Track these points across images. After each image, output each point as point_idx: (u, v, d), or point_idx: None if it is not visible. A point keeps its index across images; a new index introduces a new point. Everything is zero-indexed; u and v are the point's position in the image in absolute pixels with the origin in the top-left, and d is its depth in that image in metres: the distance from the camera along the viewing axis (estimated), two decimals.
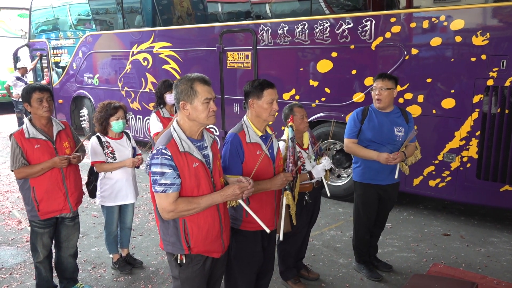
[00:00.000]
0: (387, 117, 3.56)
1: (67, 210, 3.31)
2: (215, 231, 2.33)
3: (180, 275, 2.34)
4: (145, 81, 7.75)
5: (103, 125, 3.68)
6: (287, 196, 2.83)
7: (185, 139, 2.23)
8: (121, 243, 4.03)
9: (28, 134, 3.12)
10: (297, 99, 5.76)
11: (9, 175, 7.12)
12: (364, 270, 3.86)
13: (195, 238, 2.27)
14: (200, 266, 2.33)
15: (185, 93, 2.21)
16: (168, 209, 2.17)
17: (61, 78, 9.75)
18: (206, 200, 2.21)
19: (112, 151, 3.68)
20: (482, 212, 5.29)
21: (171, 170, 2.15)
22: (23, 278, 3.89)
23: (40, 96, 3.12)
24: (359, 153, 3.58)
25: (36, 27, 10.45)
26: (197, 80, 2.22)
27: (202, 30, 6.80)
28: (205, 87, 2.23)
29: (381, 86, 3.49)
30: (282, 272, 3.67)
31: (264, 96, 2.63)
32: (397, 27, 4.80)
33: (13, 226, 5.05)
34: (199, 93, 2.20)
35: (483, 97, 4.40)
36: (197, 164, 2.21)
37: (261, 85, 2.65)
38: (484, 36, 4.29)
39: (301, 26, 5.52)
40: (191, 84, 2.21)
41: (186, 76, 2.26)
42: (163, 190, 2.15)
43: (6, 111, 13.83)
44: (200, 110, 2.21)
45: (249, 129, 2.68)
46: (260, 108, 2.65)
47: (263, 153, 2.61)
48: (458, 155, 4.63)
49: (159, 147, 2.17)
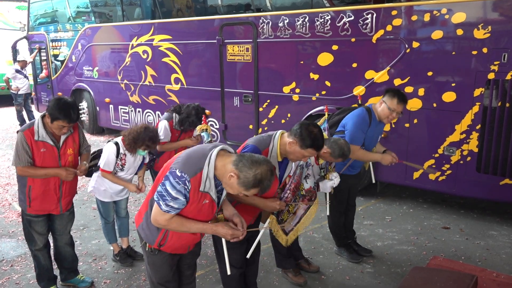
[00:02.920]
0: (379, 127, 3.75)
1: (56, 211, 3.32)
2: (191, 243, 2.48)
3: (148, 260, 2.48)
4: (145, 74, 7.72)
5: (131, 146, 3.51)
6: (272, 220, 3.00)
7: (211, 178, 2.15)
8: (120, 233, 4.03)
9: (38, 136, 3.07)
10: (297, 92, 5.75)
11: (8, 167, 7.11)
12: (344, 253, 4.05)
13: (169, 244, 2.37)
14: (167, 256, 2.43)
15: (243, 180, 2.07)
16: (160, 223, 2.24)
17: (60, 70, 9.71)
18: (197, 228, 2.27)
19: (123, 164, 3.62)
20: (481, 205, 5.30)
21: (184, 199, 2.16)
22: (24, 270, 3.90)
23: (65, 125, 3.03)
24: (365, 158, 3.74)
25: (35, 20, 10.38)
26: (261, 188, 2.12)
27: (202, 22, 6.77)
28: (257, 193, 2.19)
29: (400, 111, 3.56)
30: (279, 262, 3.70)
31: (305, 151, 2.64)
32: (398, 20, 4.78)
33: (13, 219, 5.05)
34: (247, 192, 2.13)
35: (484, 91, 4.39)
36: (207, 202, 2.22)
37: (312, 142, 2.60)
38: (485, 29, 4.27)
39: (301, 19, 5.49)
40: (254, 186, 2.09)
41: (263, 174, 2.08)
42: (167, 211, 2.17)
43: (5, 104, 13.79)
44: (234, 190, 2.14)
45: (273, 151, 2.70)
46: (294, 152, 2.67)
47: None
48: (458, 149, 4.63)
49: (185, 176, 2.10)
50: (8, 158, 7.62)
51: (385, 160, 3.66)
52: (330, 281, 3.68)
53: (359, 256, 4.02)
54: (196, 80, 6.93)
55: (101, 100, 8.84)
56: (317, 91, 5.59)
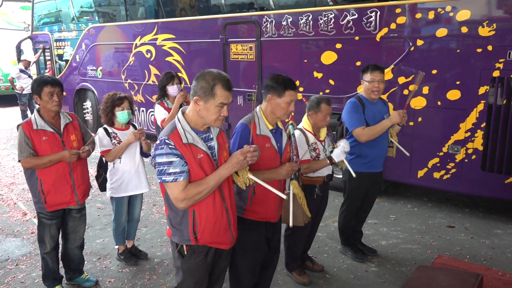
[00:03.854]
0: (376, 107, 3.70)
1: (74, 202, 3.32)
2: (223, 223, 2.33)
3: (182, 266, 2.36)
4: (149, 73, 7.74)
5: (108, 116, 3.69)
6: (294, 185, 2.81)
7: (189, 130, 2.20)
8: (128, 235, 4.05)
9: (36, 125, 3.13)
10: (301, 91, 5.74)
11: (13, 167, 7.15)
12: (349, 252, 4.04)
13: (202, 228, 2.27)
14: (202, 257, 2.34)
15: (203, 90, 2.15)
16: (180, 198, 2.16)
17: (64, 70, 9.73)
18: (213, 178, 2.20)
19: (119, 141, 3.69)
20: (486, 204, 5.27)
21: (178, 158, 2.13)
22: (29, 269, 3.91)
23: (51, 90, 3.11)
24: (374, 131, 3.58)
25: (39, 20, 10.42)
26: (221, 82, 2.16)
27: (205, 22, 6.77)
28: (225, 92, 2.17)
29: (379, 79, 3.57)
30: (288, 263, 3.68)
31: (284, 96, 2.63)
32: (402, 18, 4.76)
33: (18, 218, 5.08)
34: (217, 97, 2.15)
35: (489, 89, 4.36)
36: (201, 156, 2.20)
37: (285, 84, 2.63)
38: (490, 26, 4.25)
39: (305, 17, 5.48)
40: (213, 85, 2.15)
41: (211, 73, 2.18)
42: (173, 179, 2.13)
43: (10, 104, 13.87)
44: (211, 112, 2.17)
45: (260, 121, 2.68)
46: (277, 106, 2.65)
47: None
48: (463, 147, 4.61)
49: (162, 137, 2.16)
50: (13, 158, 7.65)
51: (395, 118, 3.52)
52: (334, 280, 3.67)
53: (363, 255, 4.01)
54: None
55: None
56: (321, 90, 5.57)
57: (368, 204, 4.03)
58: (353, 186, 3.84)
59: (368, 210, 4.10)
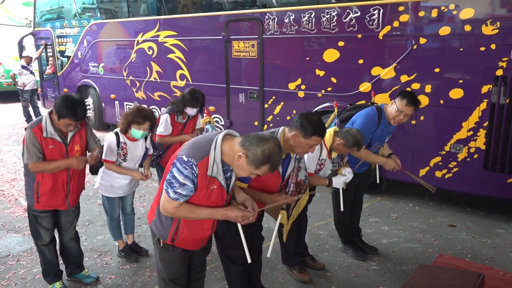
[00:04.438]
0: (387, 128, 3.68)
1: (64, 207, 3.33)
2: (202, 237, 2.45)
3: (160, 256, 2.46)
4: (150, 70, 7.72)
5: (124, 127, 3.59)
6: (283, 216, 2.94)
7: (218, 162, 2.15)
8: (125, 229, 4.04)
9: (46, 133, 3.07)
10: (303, 88, 5.72)
11: (15, 163, 7.15)
12: (350, 251, 4.04)
13: (181, 238, 2.36)
14: (179, 252, 2.42)
15: (253, 158, 2.07)
16: (169, 211, 2.22)
17: (66, 67, 9.73)
18: (206, 214, 2.25)
19: (125, 153, 3.63)
20: (488, 203, 5.26)
21: (192, 185, 2.14)
22: (30, 265, 3.92)
23: (72, 123, 3.04)
24: (368, 159, 3.67)
25: (41, 16, 10.42)
26: (271, 165, 2.11)
27: (207, 18, 6.75)
28: (268, 171, 2.14)
29: (409, 114, 3.50)
30: (285, 259, 3.69)
31: (310, 140, 2.62)
32: (405, 16, 4.74)
33: (19, 214, 5.08)
34: (258, 170, 2.12)
35: (491, 87, 4.34)
36: (215, 187, 2.21)
37: (315, 129, 2.59)
38: (494, 25, 4.22)
39: (307, 15, 5.46)
40: (264, 163, 2.08)
41: (271, 150, 2.08)
42: (175, 198, 2.16)
43: (12, 100, 13.88)
44: (244, 171, 2.14)
45: None
46: (300, 145, 2.64)
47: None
48: (465, 146, 4.59)
49: (191, 160, 2.10)
50: (15, 154, 7.66)
51: (388, 165, 3.66)
52: (335, 278, 3.67)
53: (364, 254, 4.00)
54: (201, 77, 6.92)
55: (107, 96, 8.86)
56: (323, 88, 5.56)
57: (359, 199, 4.06)
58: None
59: (360, 205, 4.12)
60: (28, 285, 3.61)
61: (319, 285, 3.57)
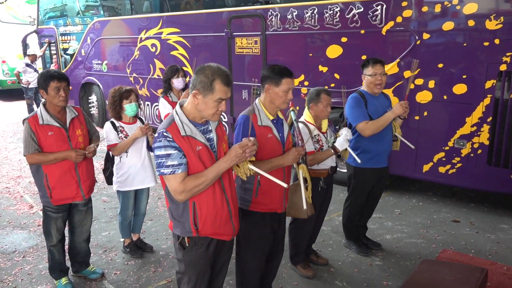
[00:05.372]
0: (378, 101, 3.68)
1: (79, 197, 3.34)
2: (224, 214, 2.34)
3: (184, 258, 2.37)
4: (154, 67, 7.74)
5: (116, 110, 3.69)
6: (303, 169, 2.83)
7: (187, 122, 2.20)
8: (133, 228, 4.08)
9: (42, 120, 3.11)
10: (306, 85, 5.72)
11: (20, 160, 7.20)
12: (353, 246, 4.05)
13: (203, 220, 2.28)
14: (203, 249, 2.35)
15: (202, 85, 2.15)
16: (179, 190, 2.17)
17: (70, 64, 9.76)
18: (212, 170, 2.20)
19: (126, 135, 3.70)
20: (492, 199, 5.25)
21: (176, 151, 2.14)
22: (35, 261, 3.96)
23: (58, 85, 3.09)
24: (378, 125, 3.57)
25: (44, 14, 10.44)
26: (220, 78, 2.16)
27: (210, 15, 6.75)
28: (224, 87, 2.17)
29: (381, 72, 3.57)
30: (292, 256, 3.70)
31: (281, 84, 2.63)
32: (409, 11, 4.72)
33: (25, 211, 5.12)
34: (216, 92, 2.15)
35: (495, 83, 4.33)
36: (200, 148, 2.20)
37: (281, 72, 2.64)
38: (497, 20, 4.20)
39: (310, 11, 5.45)
40: (213, 80, 2.15)
41: (211, 68, 2.18)
42: (171, 171, 2.14)
43: (16, 98, 13.95)
44: (209, 106, 2.18)
45: (260, 113, 2.70)
46: (275, 95, 2.66)
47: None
48: (469, 141, 4.58)
49: (160, 130, 2.17)
50: (19, 151, 7.71)
51: (397, 110, 3.53)
52: (339, 274, 3.68)
53: (368, 249, 4.01)
54: None
55: None
56: (326, 84, 5.55)
57: (374, 199, 4.02)
58: (357, 181, 3.84)
59: (374, 206, 4.08)
60: (35, 280, 3.65)
61: (323, 281, 3.59)
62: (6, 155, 7.69)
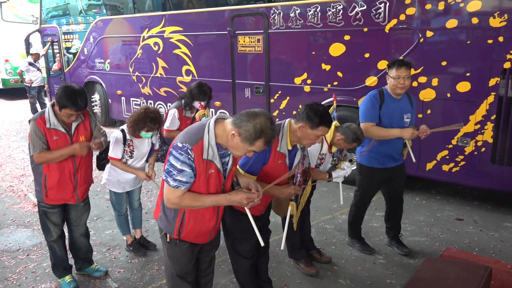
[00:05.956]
0: (398, 104, 3.58)
1: (73, 200, 3.35)
2: (208, 228, 2.41)
3: (167, 251, 2.45)
4: (156, 66, 7.75)
5: (133, 130, 3.55)
6: (292, 207, 2.95)
7: (213, 145, 2.16)
8: (133, 224, 4.08)
9: (49, 124, 3.10)
10: (309, 83, 5.72)
11: (23, 159, 7.22)
12: (357, 244, 4.04)
13: (187, 231, 2.35)
14: (187, 247, 2.41)
15: (247, 134, 2.07)
16: (173, 202, 2.21)
17: (72, 63, 9.78)
18: (211, 201, 2.24)
19: (131, 150, 3.65)
20: (496, 197, 5.24)
21: (190, 170, 2.15)
22: (39, 259, 3.97)
23: (73, 113, 3.04)
24: (382, 134, 3.53)
25: (47, 13, 10.46)
26: (265, 138, 2.10)
27: (212, 14, 6.75)
28: (263, 146, 2.14)
29: (405, 75, 3.44)
30: (291, 252, 3.70)
31: (317, 130, 2.60)
32: (412, 9, 4.71)
33: (28, 209, 5.14)
34: (254, 147, 2.12)
35: (499, 80, 4.31)
36: (212, 171, 2.21)
37: (322, 119, 2.58)
38: (501, 17, 4.19)
39: (313, 9, 5.44)
40: (258, 137, 2.08)
41: (263, 124, 2.07)
42: (176, 186, 2.16)
43: (19, 97, 13.99)
44: (240, 150, 2.16)
45: (283, 139, 2.66)
46: (307, 135, 2.63)
47: (289, 172, 2.68)
48: (472, 139, 4.57)
49: (186, 145, 2.12)
50: (23, 150, 7.72)
51: (406, 134, 3.46)
52: (342, 272, 3.68)
53: (371, 248, 4.00)
54: (207, 72, 6.93)
55: (113, 93, 8.90)
56: (328, 82, 5.55)
57: (396, 196, 3.90)
58: (362, 179, 3.83)
59: (396, 207, 3.95)
60: (39, 279, 3.66)
61: (326, 279, 3.59)
62: (10, 153, 7.71)
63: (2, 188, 5.90)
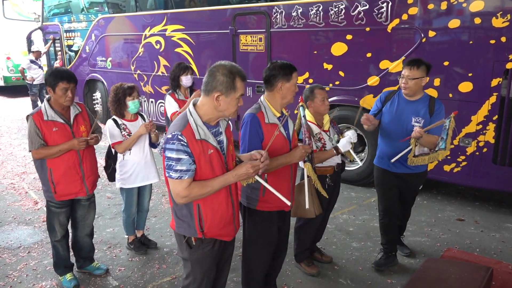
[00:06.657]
0: (409, 106, 3.41)
1: (83, 193, 3.36)
2: (228, 215, 2.34)
3: (190, 257, 2.35)
4: (158, 65, 7.75)
5: (120, 107, 3.68)
6: (308, 167, 2.84)
7: (201, 125, 2.18)
8: (137, 225, 4.09)
9: (47, 116, 3.13)
10: (310, 82, 5.71)
11: (24, 156, 7.23)
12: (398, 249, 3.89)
13: (209, 223, 2.28)
14: (210, 248, 2.35)
15: (225, 85, 2.14)
16: (182, 195, 2.16)
17: (74, 61, 9.78)
18: (219, 182, 2.20)
19: (129, 132, 3.70)
20: (497, 197, 5.23)
21: (187, 156, 2.13)
22: (40, 256, 3.97)
23: (66, 86, 3.09)
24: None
25: (49, 10, 10.46)
26: (239, 75, 2.17)
27: (214, 12, 6.74)
28: (243, 84, 2.20)
29: (408, 75, 3.32)
30: (297, 254, 3.69)
31: (292, 79, 2.72)
32: (414, 8, 4.70)
33: (29, 207, 5.14)
34: (238, 89, 2.17)
35: (501, 81, 4.30)
36: (211, 151, 2.20)
37: (290, 68, 2.72)
38: (504, 17, 4.18)
39: (315, 8, 5.44)
40: (233, 79, 2.15)
41: (227, 67, 2.17)
42: (178, 176, 2.13)
43: (21, 94, 14.00)
44: (232, 105, 2.19)
45: (267, 110, 2.71)
46: (287, 90, 2.72)
47: (278, 128, 2.63)
48: (474, 140, 4.56)
49: (175, 133, 2.13)
50: (24, 148, 7.73)
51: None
52: (343, 272, 3.68)
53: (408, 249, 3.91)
54: None
55: None
56: (330, 81, 5.54)
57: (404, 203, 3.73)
58: (375, 178, 3.73)
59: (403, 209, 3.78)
60: (39, 276, 3.66)
61: (327, 278, 3.59)
62: (11, 151, 7.72)
63: (3, 186, 5.91)
